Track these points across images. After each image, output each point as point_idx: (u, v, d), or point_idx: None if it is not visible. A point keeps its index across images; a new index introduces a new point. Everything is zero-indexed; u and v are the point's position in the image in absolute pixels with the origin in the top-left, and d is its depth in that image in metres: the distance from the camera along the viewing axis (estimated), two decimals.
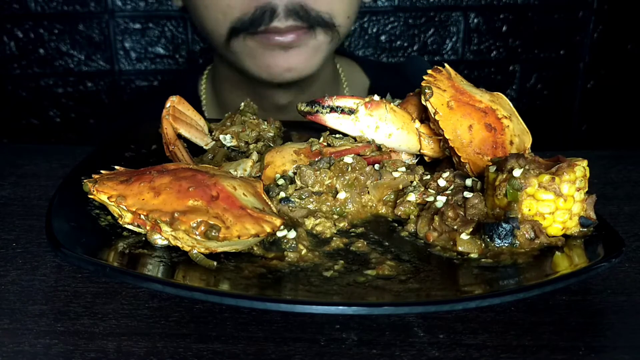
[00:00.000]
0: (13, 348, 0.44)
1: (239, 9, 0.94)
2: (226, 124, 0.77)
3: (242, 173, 0.65)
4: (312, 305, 0.44)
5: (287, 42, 0.95)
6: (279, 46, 0.95)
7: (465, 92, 0.64)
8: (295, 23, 0.93)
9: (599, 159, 0.85)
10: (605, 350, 0.45)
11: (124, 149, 0.76)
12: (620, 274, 0.55)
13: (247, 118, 0.77)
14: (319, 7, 0.94)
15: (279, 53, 0.96)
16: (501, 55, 1.64)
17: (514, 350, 0.45)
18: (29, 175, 0.78)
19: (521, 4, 1.60)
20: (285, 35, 0.94)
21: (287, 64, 0.97)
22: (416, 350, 0.44)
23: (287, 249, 0.53)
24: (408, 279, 0.49)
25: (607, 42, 1.64)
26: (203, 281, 0.48)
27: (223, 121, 0.78)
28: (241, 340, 0.45)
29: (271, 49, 0.96)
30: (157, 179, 0.53)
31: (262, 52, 0.97)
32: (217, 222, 0.49)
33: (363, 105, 0.65)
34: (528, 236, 0.53)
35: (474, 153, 0.62)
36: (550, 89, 1.69)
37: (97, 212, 0.57)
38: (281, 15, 0.92)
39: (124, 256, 0.51)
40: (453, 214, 0.56)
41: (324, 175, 0.62)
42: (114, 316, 0.48)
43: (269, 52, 0.96)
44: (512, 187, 0.54)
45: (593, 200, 0.56)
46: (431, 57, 1.63)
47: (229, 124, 0.77)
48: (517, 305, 0.50)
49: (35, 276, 0.54)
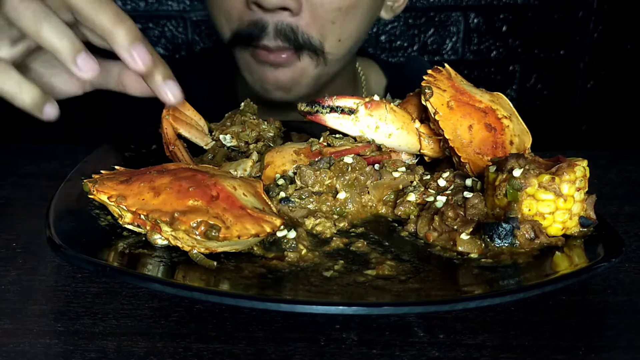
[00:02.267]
0: (13, 348, 0.44)
1: (236, 20, 0.95)
2: (226, 124, 0.77)
3: (242, 173, 0.65)
4: (312, 305, 0.44)
5: (274, 61, 0.96)
6: (268, 63, 0.97)
7: (465, 92, 0.64)
8: (283, 44, 0.93)
9: (599, 159, 0.85)
10: (605, 350, 0.45)
11: (124, 149, 0.76)
12: (620, 274, 0.55)
13: (247, 118, 0.77)
14: (309, 31, 0.94)
15: (268, 69, 0.98)
16: (501, 55, 1.64)
17: (514, 350, 0.45)
18: (29, 175, 0.78)
19: (521, 4, 1.60)
20: (274, 53, 0.95)
21: (276, 80, 0.98)
22: (416, 350, 0.44)
23: (287, 249, 0.53)
24: (408, 279, 0.49)
25: (607, 42, 1.64)
26: (203, 281, 0.48)
27: (223, 121, 0.78)
28: (241, 340, 0.45)
29: (262, 64, 0.98)
30: (157, 179, 0.53)
31: (255, 65, 0.99)
32: (217, 222, 0.49)
33: (363, 105, 0.65)
34: (528, 236, 0.53)
35: (474, 153, 0.62)
36: (550, 89, 1.69)
37: (97, 212, 0.57)
38: (271, 34, 0.93)
39: (124, 256, 0.51)
40: (453, 214, 0.56)
41: (324, 175, 0.62)
42: (114, 316, 0.48)
43: (261, 66, 0.98)
44: (512, 187, 0.54)
45: (593, 200, 0.56)
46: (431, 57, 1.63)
47: (229, 123, 0.77)
48: (517, 305, 0.50)
49: (35, 276, 0.54)
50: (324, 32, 0.95)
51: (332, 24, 0.95)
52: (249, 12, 0.93)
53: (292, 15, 0.91)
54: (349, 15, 0.96)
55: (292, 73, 0.98)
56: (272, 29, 0.92)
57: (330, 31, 0.96)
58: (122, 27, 0.58)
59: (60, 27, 0.57)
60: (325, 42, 0.96)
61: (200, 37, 1.64)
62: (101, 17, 0.57)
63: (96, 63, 0.58)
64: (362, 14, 0.98)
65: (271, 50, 0.94)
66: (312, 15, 0.93)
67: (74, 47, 0.57)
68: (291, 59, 0.96)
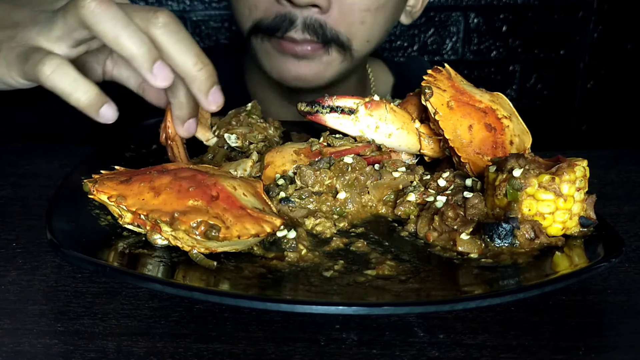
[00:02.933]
0: (13, 348, 0.44)
1: (262, 11, 0.95)
2: (232, 123, 0.76)
3: (242, 173, 0.65)
4: (312, 305, 0.44)
5: (300, 53, 0.96)
6: (291, 54, 0.97)
7: (465, 92, 0.64)
8: (311, 37, 0.94)
9: (599, 159, 0.85)
10: (605, 350, 0.45)
11: (124, 149, 0.76)
12: (620, 274, 0.55)
13: (254, 120, 0.76)
14: (338, 28, 0.95)
15: (290, 60, 0.98)
16: (501, 55, 1.64)
17: (514, 350, 0.45)
18: (29, 175, 0.78)
19: (521, 4, 1.60)
20: (299, 45, 0.95)
21: (297, 72, 0.98)
22: (416, 350, 0.44)
23: (287, 249, 0.53)
24: (408, 279, 0.49)
25: (607, 42, 1.64)
26: (203, 281, 0.48)
27: (227, 119, 0.77)
28: (241, 340, 0.45)
29: (284, 55, 0.97)
30: (157, 179, 0.53)
31: (276, 55, 0.98)
32: (217, 222, 0.49)
33: (363, 105, 0.65)
34: (528, 236, 0.53)
35: (474, 153, 0.62)
36: (550, 89, 1.69)
37: (97, 212, 0.57)
38: (299, 27, 0.93)
39: (124, 256, 0.51)
40: (453, 214, 0.56)
41: (324, 175, 0.62)
42: (114, 316, 0.48)
43: (283, 57, 0.98)
44: (512, 187, 0.54)
45: (593, 200, 0.56)
46: (431, 57, 1.63)
47: (234, 123, 0.76)
48: (517, 305, 0.50)
49: (35, 276, 0.54)
50: (353, 31, 0.96)
51: (362, 24, 0.96)
52: (276, 5, 0.93)
53: (321, 12, 0.93)
54: (377, 16, 0.97)
55: (317, 66, 0.98)
56: (300, 22, 0.93)
57: (359, 31, 0.97)
58: (204, 73, 0.60)
59: (139, 35, 0.57)
60: (353, 41, 0.97)
61: (200, 37, 1.64)
62: (185, 58, 0.59)
63: (171, 72, 0.59)
64: (387, 16, 0.99)
65: (297, 42, 0.95)
66: (340, 13, 0.94)
67: (151, 55, 0.57)
68: (317, 52, 0.96)
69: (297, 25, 0.93)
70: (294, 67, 0.98)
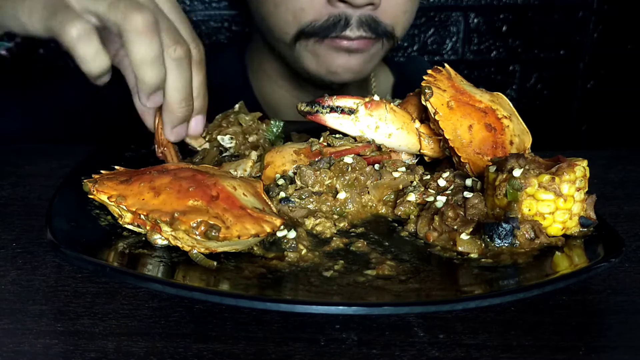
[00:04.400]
0: (13, 348, 0.44)
1: (312, 14, 0.96)
2: (222, 125, 0.75)
3: (242, 173, 0.65)
4: (312, 305, 0.44)
5: (354, 48, 0.98)
6: (344, 49, 0.99)
7: (465, 92, 0.64)
8: (365, 34, 0.96)
9: (598, 159, 0.85)
10: (605, 350, 0.45)
11: (124, 149, 0.76)
12: (620, 274, 0.55)
13: (244, 122, 0.76)
14: (385, 19, 0.97)
15: (342, 55, 1.00)
16: (501, 55, 1.64)
17: (514, 350, 0.45)
18: (29, 175, 0.78)
19: (521, 4, 1.59)
20: (355, 41, 0.97)
21: (348, 65, 1.01)
22: (416, 350, 0.44)
23: (287, 249, 0.53)
24: (408, 279, 0.49)
25: (607, 42, 1.64)
26: (203, 281, 0.48)
27: (216, 123, 0.76)
28: (241, 340, 0.45)
29: (337, 51, 0.99)
30: (157, 179, 0.53)
31: (326, 53, 1.00)
32: (217, 222, 0.49)
33: (363, 105, 0.65)
34: (528, 236, 0.53)
35: (474, 153, 0.62)
36: (550, 89, 1.69)
37: (97, 212, 0.58)
38: (353, 25, 0.95)
39: (124, 256, 0.51)
40: (453, 214, 0.56)
41: (324, 175, 0.62)
42: (114, 316, 0.48)
43: (334, 53, 0.99)
44: (512, 187, 0.54)
45: (593, 200, 0.56)
46: (431, 57, 1.63)
47: (225, 125, 0.75)
48: (517, 305, 0.50)
49: (35, 276, 0.54)
50: (397, 21, 1.00)
51: (404, 13, 1.01)
52: (328, 7, 0.95)
53: (373, 8, 0.95)
54: (414, 3, 1.02)
55: (364, 58, 1.01)
56: (355, 20, 0.95)
57: (402, 19, 1.01)
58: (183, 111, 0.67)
59: (159, 69, 0.62)
60: (396, 29, 1.01)
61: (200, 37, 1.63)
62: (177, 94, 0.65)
63: (162, 99, 0.66)
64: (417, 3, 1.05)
65: (351, 39, 0.97)
66: (389, 6, 0.97)
67: (156, 87, 0.63)
68: (368, 45, 0.99)
69: (352, 24, 0.95)
70: (345, 60, 1.00)
